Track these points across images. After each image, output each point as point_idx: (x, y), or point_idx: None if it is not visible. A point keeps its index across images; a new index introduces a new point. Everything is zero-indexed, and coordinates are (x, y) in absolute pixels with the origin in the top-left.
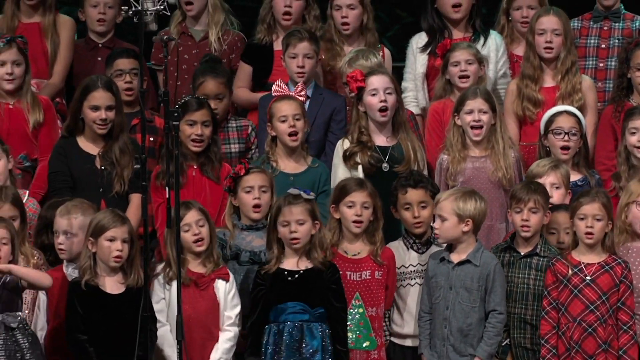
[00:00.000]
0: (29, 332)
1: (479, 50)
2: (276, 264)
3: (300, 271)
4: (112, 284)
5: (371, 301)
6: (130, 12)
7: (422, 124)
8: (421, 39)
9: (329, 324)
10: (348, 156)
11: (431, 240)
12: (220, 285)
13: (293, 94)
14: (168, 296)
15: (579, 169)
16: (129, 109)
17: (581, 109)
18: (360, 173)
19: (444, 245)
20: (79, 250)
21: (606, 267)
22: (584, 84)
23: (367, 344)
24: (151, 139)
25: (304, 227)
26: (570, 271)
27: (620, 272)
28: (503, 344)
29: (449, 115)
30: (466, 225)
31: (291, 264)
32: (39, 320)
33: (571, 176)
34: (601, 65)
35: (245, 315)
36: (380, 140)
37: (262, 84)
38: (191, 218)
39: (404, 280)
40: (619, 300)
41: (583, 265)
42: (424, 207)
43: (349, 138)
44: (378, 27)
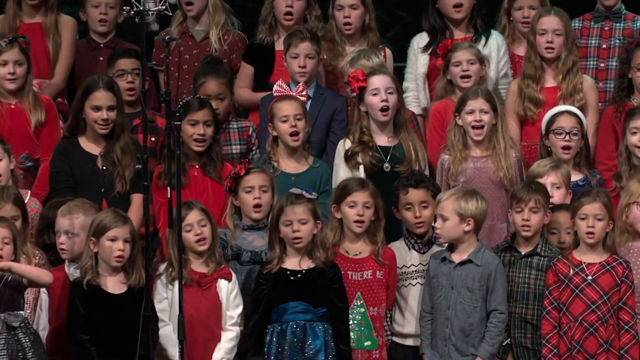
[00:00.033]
0: (31, 331)
1: (479, 50)
2: (278, 263)
3: (303, 271)
4: (114, 284)
5: (373, 301)
6: (132, 12)
7: (423, 124)
8: (422, 39)
9: (331, 323)
10: (349, 156)
11: (432, 240)
12: (222, 285)
13: (294, 94)
14: (171, 296)
15: (580, 169)
16: (130, 109)
17: (582, 109)
18: (361, 173)
19: (445, 245)
20: (80, 250)
21: (607, 267)
22: (585, 84)
23: (369, 343)
24: (152, 139)
25: (307, 227)
26: (571, 271)
27: (621, 272)
28: (504, 344)
29: (450, 115)
30: (468, 225)
31: (293, 263)
32: (41, 320)
33: (572, 176)
34: (602, 65)
35: (246, 315)
36: (382, 140)
37: (264, 84)
38: (193, 218)
39: (405, 280)
40: (620, 300)
41: (584, 265)
42: (425, 207)
43: (351, 138)
44: (378, 28)
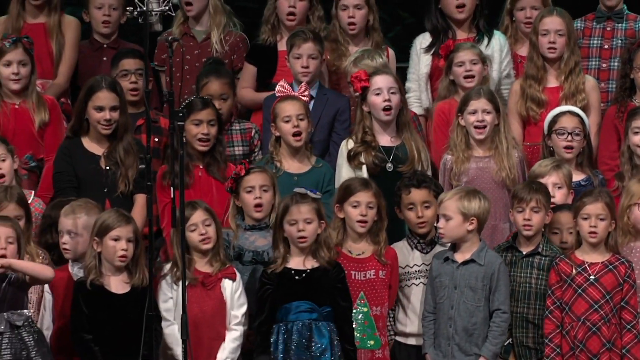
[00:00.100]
0: (34, 330)
1: (481, 50)
2: (282, 263)
3: (307, 270)
4: (117, 284)
5: (375, 300)
6: (135, 13)
7: (425, 124)
8: (425, 39)
9: (335, 323)
10: (352, 156)
11: (435, 240)
12: (226, 285)
13: (297, 94)
14: (176, 295)
15: (582, 169)
16: (133, 109)
17: (584, 109)
18: (364, 173)
19: (448, 245)
20: (83, 250)
21: (610, 267)
22: (588, 84)
23: (372, 343)
24: (156, 139)
25: (311, 226)
26: (574, 271)
27: (623, 272)
28: (506, 344)
29: (455, 115)
30: (471, 224)
31: (297, 263)
32: (44, 320)
33: (575, 176)
34: (604, 65)
35: (250, 315)
36: (385, 140)
37: (267, 84)
38: (197, 218)
39: (408, 280)
40: (623, 300)
41: (587, 265)
42: (428, 207)
43: (353, 138)
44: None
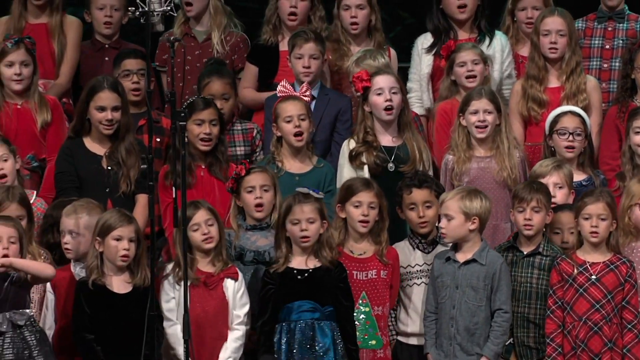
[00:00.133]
0: (37, 329)
1: (482, 51)
2: (284, 263)
3: (310, 270)
4: (119, 284)
5: (377, 300)
6: (137, 13)
7: (427, 124)
8: (426, 39)
9: (337, 322)
10: (354, 156)
11: (437, 240)
12: (229, 285)
13: (298, 95)
14: (178, 295)
15: (583, 169)
16: (135, 109)
17: (586, 109)
18: (365, 173)
19: (450, 245)
20: (85, 250)
21: (611, 266)
22: (589, 84)
23: (374, 342)
24: (157, 139)
25: (314, 226)
26: (575, 270)
27: (625, 271)
28: (507, 343)
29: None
30: (473, 224)
31: (299, 262)
32: (46, 320)
33: (576, 176)
34: (605, 66)
35: (252, 315)
36: (386, 140)
37: (268, 84)
38: (200, 217)
39: (410, 280)
40: (624, 299)
41: (588, 265)
42: (429, 207)
43: (355, 138)
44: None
